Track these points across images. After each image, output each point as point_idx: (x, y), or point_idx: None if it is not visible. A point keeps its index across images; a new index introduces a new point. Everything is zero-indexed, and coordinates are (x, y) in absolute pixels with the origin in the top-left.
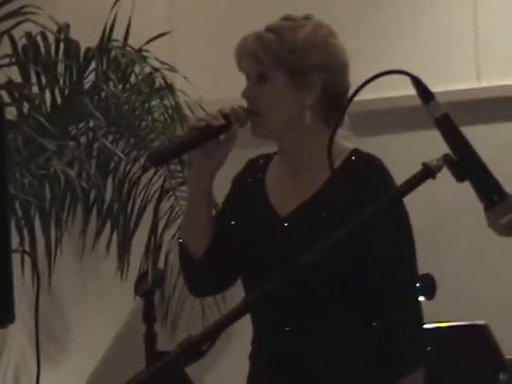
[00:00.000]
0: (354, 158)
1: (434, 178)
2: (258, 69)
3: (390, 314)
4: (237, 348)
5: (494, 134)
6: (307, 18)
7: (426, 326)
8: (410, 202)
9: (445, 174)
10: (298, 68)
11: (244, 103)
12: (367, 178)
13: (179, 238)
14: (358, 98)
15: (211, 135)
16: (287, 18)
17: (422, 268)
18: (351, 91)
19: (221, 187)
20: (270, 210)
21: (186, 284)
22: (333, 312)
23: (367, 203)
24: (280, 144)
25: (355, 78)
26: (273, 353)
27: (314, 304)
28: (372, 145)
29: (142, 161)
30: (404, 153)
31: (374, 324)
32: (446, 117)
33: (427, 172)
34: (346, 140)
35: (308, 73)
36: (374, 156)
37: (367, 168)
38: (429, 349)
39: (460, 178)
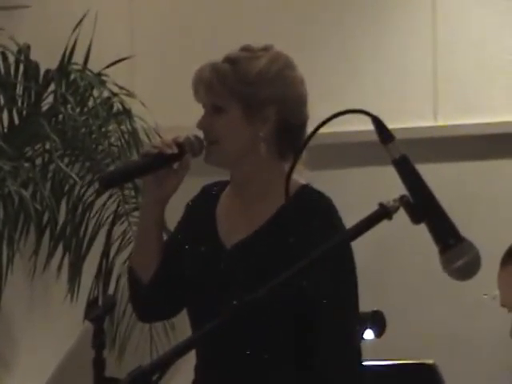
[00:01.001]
0: (302, 193)
1: (390, 218)
2: (213, 99)
3: (326, 354)
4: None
5: (449, 173)
6: (266, 48)
7: (373, 363)
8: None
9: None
10: (251, 100)
11: (200, 133)
12: (311, 216)
13: (128, 262)
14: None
15: (164, 163)
16: (245, 49)
17: (372, 304)
18: (310, 125)
19: (175, 212)
20: (217, 242)
21: (134, 309)
22: (270, 349)
23: (308, 241)
24: (232, 173)
25: (312, 113)
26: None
27: (253, 340)
28: (328, 178)
29: (97, 185)
30: (361, 187)
31: (310, 364)
32: (404, 158)
33: (383, 212)
34: (299, 174)
35: (262, 105)
36: (323, 194)
37: (313, 206)
38: None
39: (416, 220)
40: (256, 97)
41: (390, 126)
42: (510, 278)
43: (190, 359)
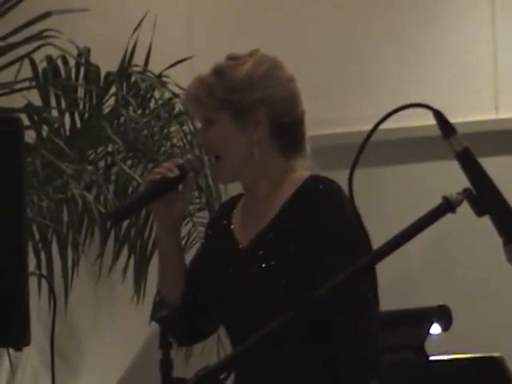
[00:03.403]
0: (306, 182)
1: (453, 212)
2: (203, 113)
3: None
4: None
5: (510, 166)
6: (251, 54)
7: (440, 357)
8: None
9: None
10: (240, 107)
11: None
12: (311, 203)
13: (156, 293)
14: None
15: (168, 187)
16: (231, 58)
17: (438, 299)
18: (370, 121)
19: None
20: (233, 244)
21: (170, 334)
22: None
23: (312, 226)
24: (241, 182)
25: (375, 107)
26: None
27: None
28: (386, 175)
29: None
30: (420, 184)
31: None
32: (466, 151)
33: (447, 206)
34: (308, 171)
35: (251, 109)
36: (328, 179)
37: (314, 193)
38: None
39: (480, 212)
40: (243, 102)
41: (452, 120)
42: None
43: None
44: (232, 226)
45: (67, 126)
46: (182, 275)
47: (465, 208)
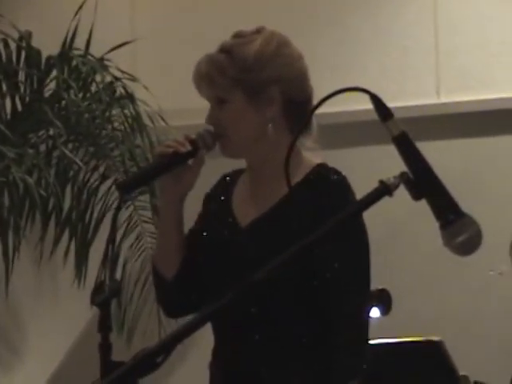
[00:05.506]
0: (316, 171)
1: (390, 195)
2: (215, 92)
3: (335, 330)
4: (195, 357)
5: (453, 150)
6: (258, 31)
7: (379, 341)
8: (366, 213)
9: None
10: (253, 85)
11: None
12: (324, 193)
13: (152, 261)
14: (317, 111)
15: (179, 161)
16: (238, 35)
17: (377, 282)
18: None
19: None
20: (233, 223)
21: (160, 305)
22: (282, 327)
23: (321, 218)
24: (248, 160)
25: (316, 91)
26: (226, 365)
27: (264, 318)
28: (330, 159)
29: (102, 169)
30: (362, 168)
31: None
32: (403, 135)
33: (384, 189)
34: (312, 152)
35: (264, 87)
36: (337, 171)
37: (326, 183)
38: (364, 366)
39: (416, 196)
40: (257, 81)
41: (393, 104)
42: None
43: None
44: (232, 203)
45: (8, 110)
46: (180, 249)
47: (403, 192)
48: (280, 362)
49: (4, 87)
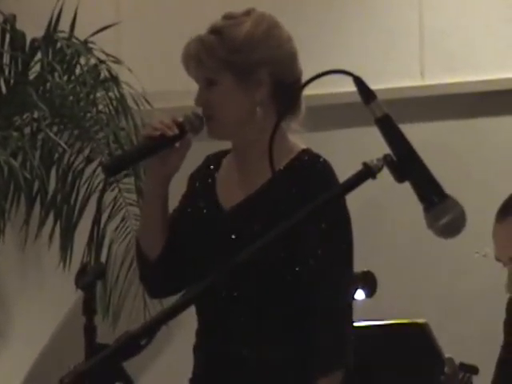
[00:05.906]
0: (301, 157)
1: (373, 178)
2: (204, 73)
3: (317, 315)
4: (180, 339)
5: (436, 132)
6: (248, 13)
7: (364, 323)
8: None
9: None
10: (242, 67)
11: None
12: (308, 178)
13: (135, 240)
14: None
15: (166, 144)
16: (228, 17)
17: (362, 265)
18: None
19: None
20: (216, 205)
21: (143, 285)
22: (265, 310)
23: (305, 203)
24: (234, 142)
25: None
26: (210, 347)
27: (246, 301)
28: (314, 141)
29: (86, 152)
30: (345, 150)
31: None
32: (386, 117)
33: (367, 172)
34: (296, 135)
35: (254, 69)
36: (321, 157)
37: (310, 170)
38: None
39: (400, 178)
40: (246, 62)
41: (377, 86)
42: (506, 232)
43: (193, 324)
44: (216, 185)
45: None
46: (164, 230)
47: (388, 174)
48: (263, 343)
49: None
